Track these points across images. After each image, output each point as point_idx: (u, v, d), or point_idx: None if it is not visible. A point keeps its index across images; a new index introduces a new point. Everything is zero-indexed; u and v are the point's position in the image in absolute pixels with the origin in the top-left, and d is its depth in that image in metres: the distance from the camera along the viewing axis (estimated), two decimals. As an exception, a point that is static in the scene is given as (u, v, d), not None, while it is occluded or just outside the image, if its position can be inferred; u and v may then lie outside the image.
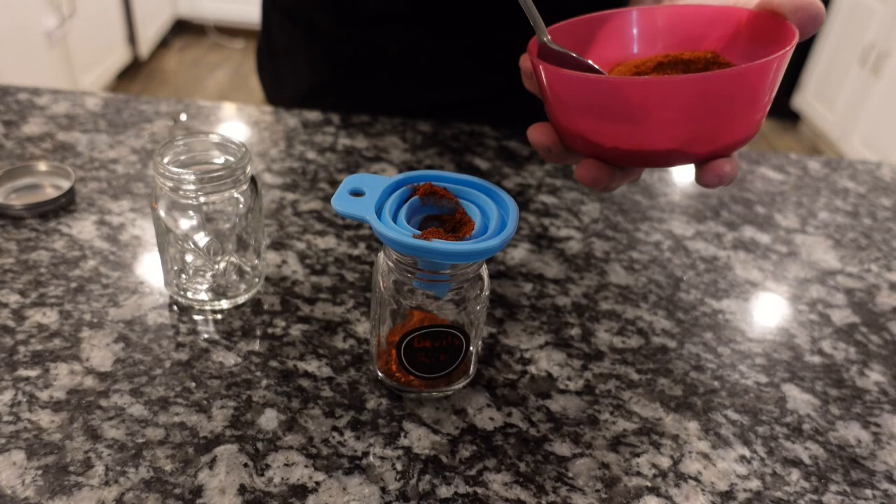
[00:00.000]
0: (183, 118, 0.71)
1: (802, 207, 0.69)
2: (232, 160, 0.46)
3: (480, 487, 0.38)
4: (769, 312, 0.54)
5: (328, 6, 0.70)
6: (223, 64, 3.15)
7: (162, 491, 0.36)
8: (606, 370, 0.47)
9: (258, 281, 0.50)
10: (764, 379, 0.48)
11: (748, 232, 0.64)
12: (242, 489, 0.37)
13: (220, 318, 0.48)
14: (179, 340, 0.46)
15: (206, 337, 0.46)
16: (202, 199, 0.44)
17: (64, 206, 0.56)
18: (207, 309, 0.48)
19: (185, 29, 3.40)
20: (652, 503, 0.39)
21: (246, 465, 0.38)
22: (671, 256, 0.59)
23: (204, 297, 0.48)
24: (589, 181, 0.38)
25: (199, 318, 0.48)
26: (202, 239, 0.46)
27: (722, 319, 0.53)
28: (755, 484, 0.40)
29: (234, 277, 0.48)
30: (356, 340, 0.47)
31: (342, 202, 0.38)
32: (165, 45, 3.20)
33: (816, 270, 0.60)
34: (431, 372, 0.42)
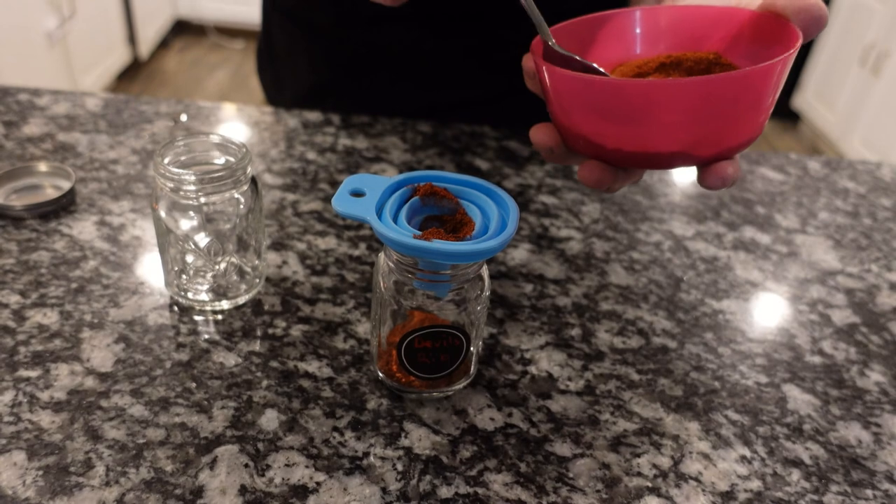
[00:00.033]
0: (183, 119, 0.71)
1: (802, 208, 0.69)
2: (232, 161, 0.46)
3: (481, 488, 0.38)
4: (769, 313, 0.54)
5: (328, 6, 0.70)
6: (223, 64, 3.15)
7: (163, 491, 0.36)
8: (607, 370, 0.47)
9: (259, 281, 0.50)
10: (764, 379, 0.48)
11: (748, 232, 0.64)
12: (243, 490, 0.37)
13: (220, 318, 0.48)
14: (180, 341, 0.46)
15: (206, 337, 0.46)
16: (203, 199, 0.44)
17: (64, 206, 0.57)
18: (208, 309, 0.48)
19: (185, 29, 3.40)
20: (652, 503, 0.39)
21: (247, 465, 0.38)
22: (671, 257, 0.59)
23: (204, 297, 0.48)
24: (592, 182, 0.38)
25: (199, 318, 0.48)
26: (203, 239, 0.46)
27: (722, 320, 0.53)
28: (756, 484, 0.40)
29: (234, 278, 0.49)
30: (357, 341, 0.47)
31: (343, 203, 0.38)
32: (165, 45, 3.20)
33: (817, 271, 0.60)
34: (432, 372, 0.42)
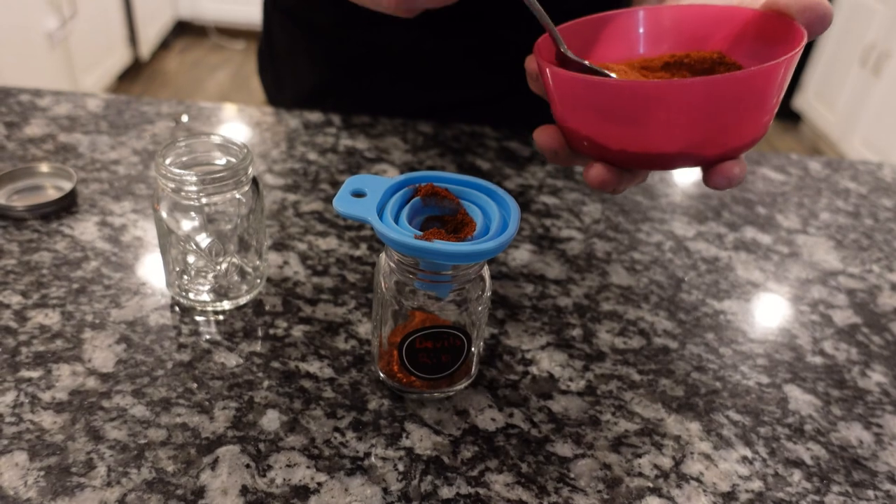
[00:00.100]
0: (184, 119, 0.71)
1: (804, 208, 0.69)
2: (233, 161, 0.46)
3: (482, 488, 0.38)
4: (771, 313, 0.54)
5: (329, 6, 0.70)
6: (224, 65, 3.15)
7: (164, 492, 0.36)
8: (608, 371, 0.47)
9: (260, 282, 0.50)
10: (765, 380, 0.48)
11: (749, 232, 0.64)
12: (244, 490, 0.37)
13: (221, 319, 0.48)
14: (181, 341, 0.46)
15: (207, 338, 0.46)
16: (204, 200, 0.44)
17: (66, 207, 0.57)
18: (209, 310, 0.48)
19: (185, 30, 3.40)
20: (654, 504, 0.39)
21: (248, 465, 0.38)
22: (672, 257, 0.59)
23: (206, 298, 0.48)
24: (597, 184, 0.38)
25: (200, 319, 0.48)
26: (204, 240, 0.46)
27: (723, 320, 0.53)
28: (757, 485, 0.40)
29: (235, 278, 0.49)
30: (358, 341, 0.47)
31: (344, 203, 0.38)
32: (166, 46, 3.21)
33: (818, 271, 0.60)
34: (433, 373, 0.42)
